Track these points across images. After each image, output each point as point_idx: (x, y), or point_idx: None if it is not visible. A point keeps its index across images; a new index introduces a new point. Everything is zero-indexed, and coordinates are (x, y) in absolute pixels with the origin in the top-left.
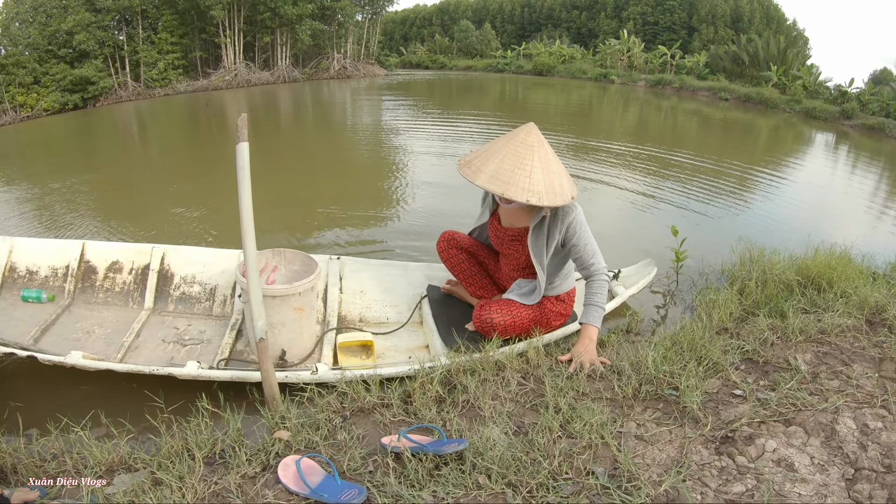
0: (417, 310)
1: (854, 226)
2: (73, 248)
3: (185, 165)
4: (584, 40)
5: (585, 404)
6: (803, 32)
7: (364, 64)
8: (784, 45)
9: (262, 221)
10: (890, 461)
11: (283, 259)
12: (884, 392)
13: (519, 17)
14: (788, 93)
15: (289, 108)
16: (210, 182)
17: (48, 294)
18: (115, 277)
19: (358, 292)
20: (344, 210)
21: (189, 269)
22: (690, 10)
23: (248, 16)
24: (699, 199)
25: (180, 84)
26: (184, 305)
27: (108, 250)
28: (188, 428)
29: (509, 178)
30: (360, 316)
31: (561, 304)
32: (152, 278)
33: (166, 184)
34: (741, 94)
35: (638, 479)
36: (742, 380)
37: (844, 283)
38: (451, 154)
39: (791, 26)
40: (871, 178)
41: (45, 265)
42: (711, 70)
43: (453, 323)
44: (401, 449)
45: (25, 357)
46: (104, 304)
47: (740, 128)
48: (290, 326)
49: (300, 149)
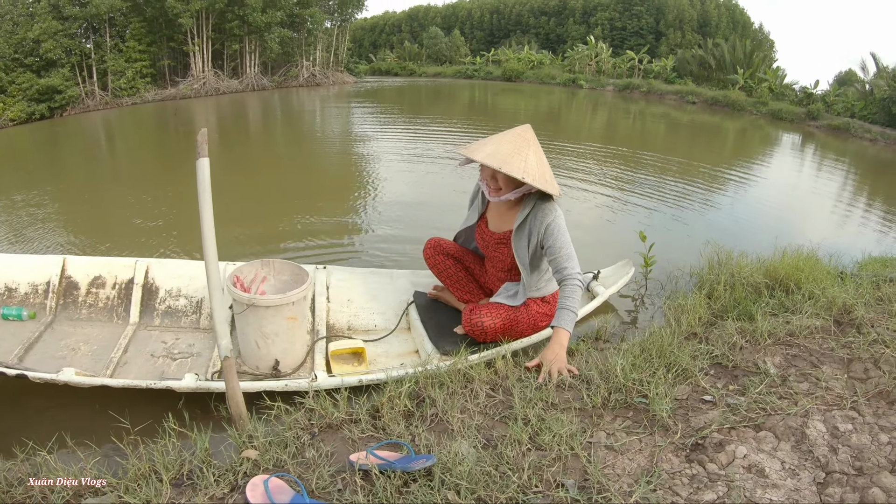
0: (405, 316)
1: (821, 226)
2: (53, 263)
3: (152, 176)
4: (553, 46)
5: (554, 415)
6: (769, 36)
7: (333, 71)
8: (750, 49)
9: (235, 232)
10: (861, 463)
11: (272, 269)
12: (853, 393)
13: (488, 23)
14: (755, 95)
15: (258, 116)
16: (178, 192)
17: (29, 311)
18: (97, 293)
19: (345, 300)
20: (318, 219)
21: (174, 283)
22: (658, 16)
23: (216, 24)
24: (668, 203)
25: (148, 93)
26: (170, 319)
27: (90, 265)
28: (155, 449)
29: (506, 157)
30: (348, 324)
31: (546, 306)
32: (137, 292)
33: (134, 194)
34: (708, 97)
35: (608, 490)
36: (712, 385)
37: (812, 285)
38: (421, 160)
39: (757, 30)
40: (837, 178)
41: (24, 281)
42: (679, 74)
43: (442, 327)
44: (368, 466)
45: (14, 376)
46: (88, 321)
47: (708, 130)
48: (283, 336)
49: (271, 158)
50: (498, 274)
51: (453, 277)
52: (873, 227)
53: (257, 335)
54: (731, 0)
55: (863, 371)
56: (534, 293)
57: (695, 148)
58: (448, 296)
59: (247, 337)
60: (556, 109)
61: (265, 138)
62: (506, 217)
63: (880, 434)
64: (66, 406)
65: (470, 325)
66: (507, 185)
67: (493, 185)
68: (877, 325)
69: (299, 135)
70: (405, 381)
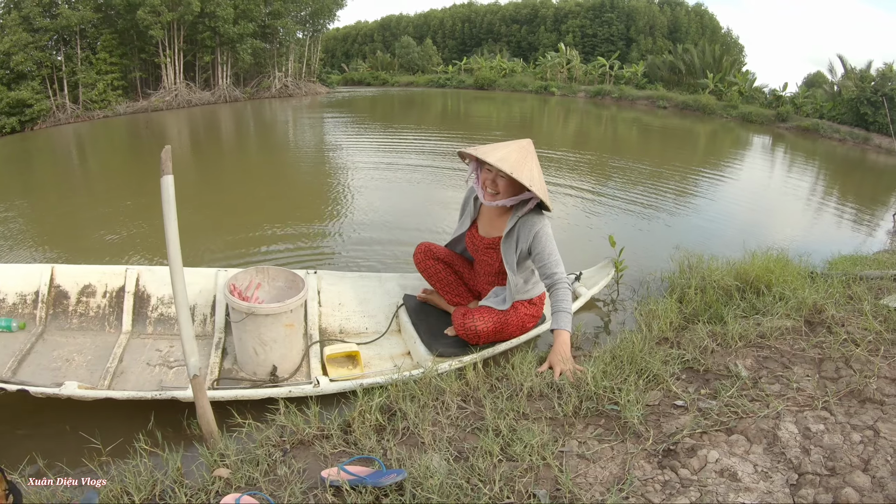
0: (395, 318)
1: (792, 226)
2: (41, 272)
3: (125, 188)
4: (525, 54)
5: (526, 425)
6: (738, 40)
7: (306, 82)
8: (719, 54)
9: (212, 243)
10: (833, 463)
11: (267, 276)
12: (824, 393)
13: (460, 32)
14: (725, 99)
15: (231, 128)
16: (149, 203)
17: (18, 322)
18: (88, 301)
19: (336, 304)
20: (298, 226)
21: (166, 290)
22: (628, 22)
23: (188, 35)
24: (640, 207)
25: (119, 105)
26: (163, 327)
27: (80, 273)
28: (127, 470)
29: (515, 164)
30: (340, 327)
31: (533, 307)
32: (128, 300)
33: (108, 205)
34: (679, 101)
35: (580, 499)
36: (683, 390)
37: (783, 286)
38: (395, 168)
39: (726, 35)
40: (807, 178)
41: (11, 292)
42: (649, 79)
43: (433, 329)
44: (339, 482)
45: (15, 391)
46: (79, 330)
47: (679, 134)
48: (281, 343)
49: (245, 170)
50: (487, 277)
51: (443, 281)
52: (844, 226)
53: (256, 342)
54: (701, 6)
55: (834, 370)
56: (522, 296)
57: (666, 152)
58: (437, 298)
59: (245, 344)
60: (529, 117)
61: (240, 150)
62: (496, 223)
63: (852, 433)
64: (38, 426)
65: (463, 329)
66: (506, 191)
67: (491, 189)
68: (847, 323)
69: (274, 146)
70: (377, 394)
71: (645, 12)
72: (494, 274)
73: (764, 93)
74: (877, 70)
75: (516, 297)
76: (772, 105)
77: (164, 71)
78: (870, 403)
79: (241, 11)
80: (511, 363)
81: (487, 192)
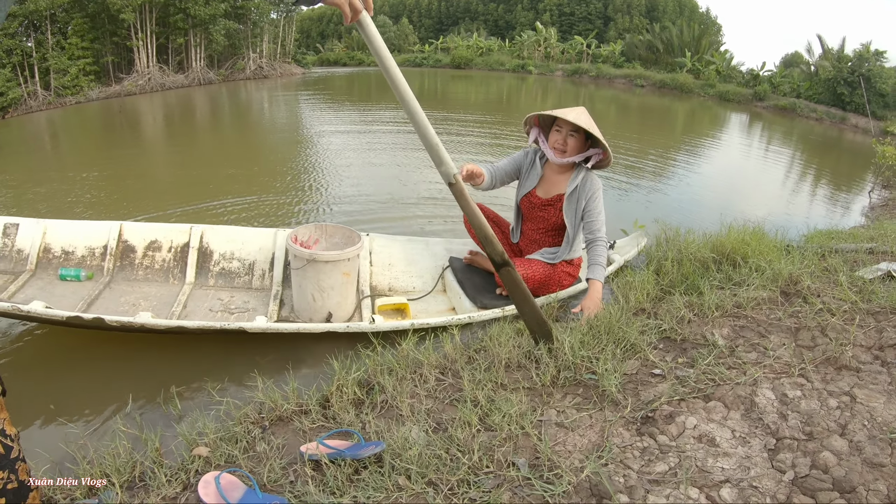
0: (441, 279)
1: (769, 202)
2: (110, 228)
3: (98, 176)
4: (502, 32)
5: (504, 396)
6: (716, 20)
7: (280, 63)
8: (697, 33)
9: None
10: (811, 428)
11: (324, 233)
12: (801, 361)
13: (436, 11)
14: (702, 78)
15: (206, 112)
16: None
17: (87, 272)
18: (154, 255)
19: (386, 265)
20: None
21: (227, 247)
22: (606, 1)
23: (160, 17)
24: (619, 183)
25: (92, 91)
26: (224, 280)
27: (146, 230)
28: (106, 453)
29: (589, 123)
30: (389, 286)
31: (572, 267)
32: (192, 255)
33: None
34: (657, 80)
35: (559, 467)
36: (661, 359)
37: (759, 258)
38: (375, 147)
39: (704, 14)
40: (784, 156)
41: (81, 245)
42: (627, 58)
43: (477, 287)
44: (318, 456)
45: (90, 319)
46: (145, 281)
47: (657, 113)
48: (338, 290)
49: (224, 152)
50: (534, 235)
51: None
52: (820, 203)
53: (315, 288)
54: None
55: (810, 339)
56: (567, 255)
57: (645, 130)
58: (482, 259)
59: (304, 290)
60: (507, 95)
61: (217, 133)
62: (555, 182)
63: (829, 399)
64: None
65: None
66: (574, 149)
67: (560, 147)
68: (823, 294)
69: (251, 127)
70: (353, 370)
71: None
72: (544, 231)
73: (741, 72)
74: (853, 50)
75: (564, 255)
76: (749, 84)
77: (137, 55)
78: (846, 370)
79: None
80: (489, 335)
81: (558, 150)
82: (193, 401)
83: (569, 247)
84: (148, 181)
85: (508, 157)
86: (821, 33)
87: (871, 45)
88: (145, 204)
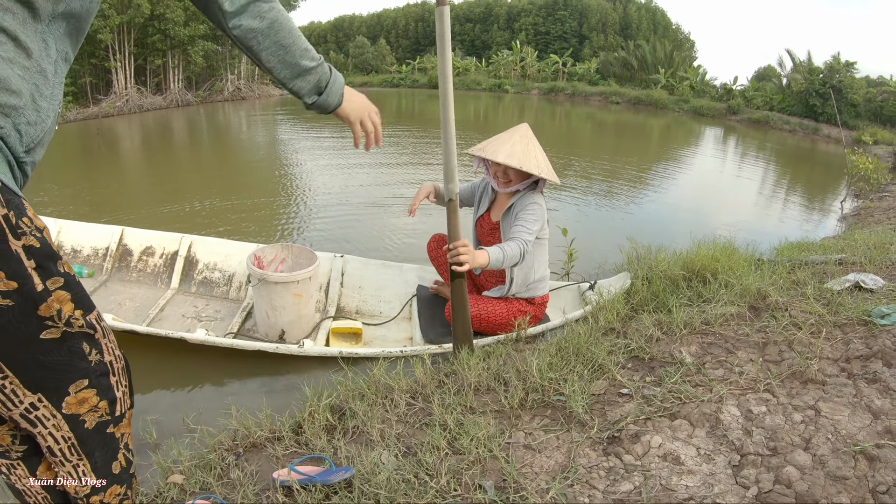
0: (408, 306)
1: (743, 215)
2: (113, 232)
3: (80, 198)
4: (478, 52)
5: (473, 419)
6: (689, 36)
7: (258, 84)
8: (671, 49)
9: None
10: (775, 443)
11: (291, 253)
12: (767, 376)
13: (413, 31)
14: (677, 93)
15: (184, 135)
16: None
17: (89, 270)
18: (147, 260)
19: (357, 287)
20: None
21: (212, 258)
22: (581, 19)
23: (138, 38)
24: (594, 200)
25: (70, 112)
26: (204, 288)
27: (144, 236)
28: None
29: (521, 157)
30: (356, 308)
31: (531, 307)
32: (179, 263)
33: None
34: (632, 97)
35: (525, 489)
36: (628, 378)
37: (728, 273)
38: (353, 167)
39: (676, 30)
40: (758, 168)
41: (87, 245)
42: (602, 76)
43: (435, 318)
44: (290, 482)
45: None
46: (136, 282)
47: (632, 129)
48: (290, 310)
49: (205, 176)
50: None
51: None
52: (794, 215)
53: (267, 306)
54: (652, 2)
55: (777, 354)
56: (523, 293)
57: (620, 146)
58: (446, 290)
59: (259, 307)
60: (483, 114)
61: (196, 156)
62: (505, 204)
63: (794, 413)
64: None
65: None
66: (517, 178)
67: (503, 178)
68: (791, 308)
69: (230, 149)
70: (325, 396)
71: (597, 9)
72: None
73: (715, 87)
74: (825, 62)
75: (516, 290)
76: (723, 98)
77: (115, 76)
78: (812, 384)
79: (192, 13)
80: (459, 359)
81: (500, 182)
82: (168, 427)
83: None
84: (123, 199)
85: (469, 183)
86: (790, 48)
87: (840, 57)
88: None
